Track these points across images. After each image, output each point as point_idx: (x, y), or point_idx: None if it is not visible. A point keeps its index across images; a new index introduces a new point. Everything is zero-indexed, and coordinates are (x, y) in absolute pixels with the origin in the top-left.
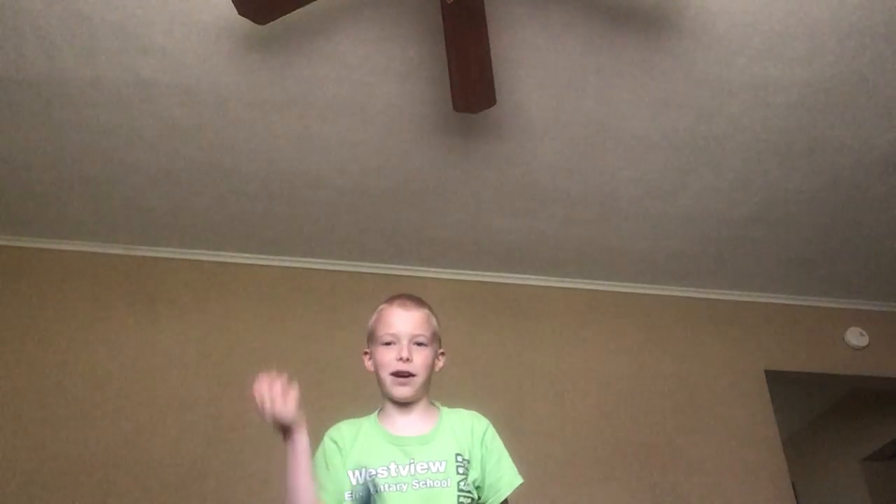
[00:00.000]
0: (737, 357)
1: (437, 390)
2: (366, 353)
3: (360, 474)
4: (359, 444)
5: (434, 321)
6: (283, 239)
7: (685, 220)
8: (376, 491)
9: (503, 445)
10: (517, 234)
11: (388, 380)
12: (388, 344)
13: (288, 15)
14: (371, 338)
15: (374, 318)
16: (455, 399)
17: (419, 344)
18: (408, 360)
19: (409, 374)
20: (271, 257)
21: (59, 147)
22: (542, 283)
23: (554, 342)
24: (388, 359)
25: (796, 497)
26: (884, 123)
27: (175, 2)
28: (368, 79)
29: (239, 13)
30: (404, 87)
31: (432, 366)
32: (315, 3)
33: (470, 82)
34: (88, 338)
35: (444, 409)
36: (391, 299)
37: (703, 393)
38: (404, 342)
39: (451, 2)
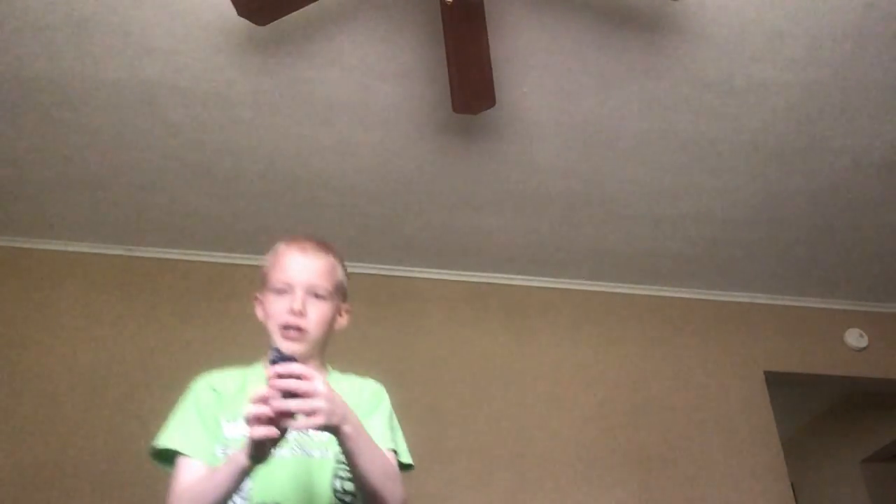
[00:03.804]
0: (736, 358)
1: (436, 389)
2: (257, 298)
3: (238, 428)
4: (243, 396)
5: (340, 272)
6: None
7: (684, 221)
8: None
9: (394, 419)
10: (517, 234)
11: (276, 332)
12: (280, 292)
13: (288, 16)
14: (264, 283)
15: (269, 259)
16: (454, 397)
17: (317, 296)
18: (300, 313)
19: (299, 329)
20: None
21: (59, 147)
22: (542, 284)
23: (553, 342)
24: (279, 309)
25: (796, 498)
26: (883, 125)
27: (175, 3)
28: (368, 80)
29: (239, 14)
30: (404, 88)
31: (330, 323)
32: (315, 4)
33: (470, 83)
34: (88, 338)
35: (335, 374)
36: (291, 240)
37: (702, 394)
38: (299, 292)
39: (451, 2)
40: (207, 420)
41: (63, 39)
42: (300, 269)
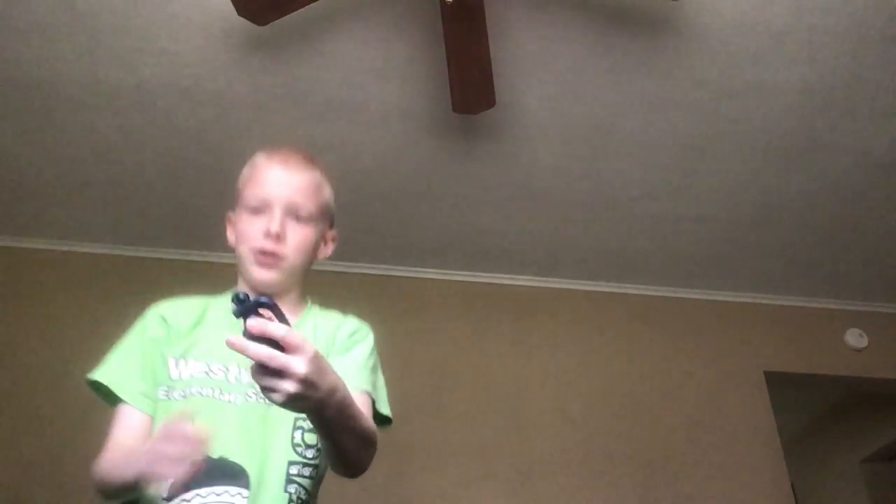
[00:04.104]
0: (736, 358)
1: (436, 388)
2: (228, 219)
3: (187, 368)
4: (199, 331)
5: (327, 191)
6: None
7: (684, 221)
8: (200, 394)
9: (375, 360)
10: (517, 234)
11: (248, 257)
12: (255, 211)
13: (287, 16)
14: (238, 199)
15: (245, 172)
16: (454, 397)
17: (298, 218)
18: (278, 236)
19: (275, 255)
20: None
21: (59, 147)
22: (542, 284)
23: (553, 342)
24: (253, 231)
25: (796, 498)
26: (883, 125)
27: (175, 3)
28: (368, 80)
29: (239, 14)
30: (404, 88)
31: (313, 251)
32: (315, 4)
33: (470, 83)
34: (88, 338)
35: (314, 309)
36: (272, 151)
37: (702, 394)
38: (277, 212)
39: (451, 2)
40: (152, 358)
41: (63, 39)
42: (280, 184)
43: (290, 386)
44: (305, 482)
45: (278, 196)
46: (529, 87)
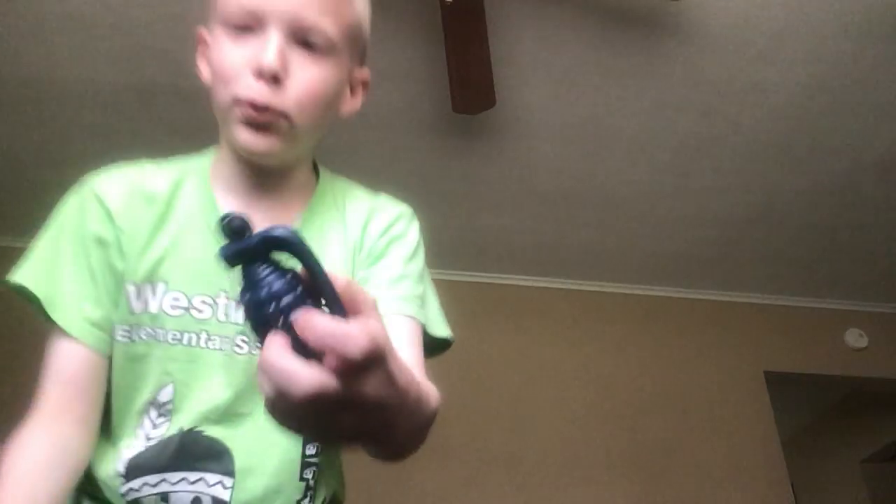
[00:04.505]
0: (736, 358)
1: (435, 383)
2: (200, 42)
3: (154, 299)
4: (167, 235)
5: (359, 3)
6: None
7: (684, 221)
8: (178, 341)
9: (423, 268)
10: (517, 234)
11: (230, 111)
12: (240, 31)
13: None
14: (212, 8)
15: None
16: (453, 397)
17: (309, 45)
18: (275, 77)
19: (271, 110)
20: None
21: (59, 147)
22: (542, 284)
23: (553, 342)
24: (235, 64)
25: (795, 498)
26: (883, 125)
27: (174, 3)
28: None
29: None
30: (404, 88)
31: (333, 101)
32: None
33: (470, 82)
34: None
35: (325, 179)
36: None
37: (702, 394)
38: (274, 35)
39: (451, 2)
40: (102, 269)
41: (63, 39)
42: None
43: (348, 418)
44: (322, 461)
45: (276, 7)
46: (529, 87)
